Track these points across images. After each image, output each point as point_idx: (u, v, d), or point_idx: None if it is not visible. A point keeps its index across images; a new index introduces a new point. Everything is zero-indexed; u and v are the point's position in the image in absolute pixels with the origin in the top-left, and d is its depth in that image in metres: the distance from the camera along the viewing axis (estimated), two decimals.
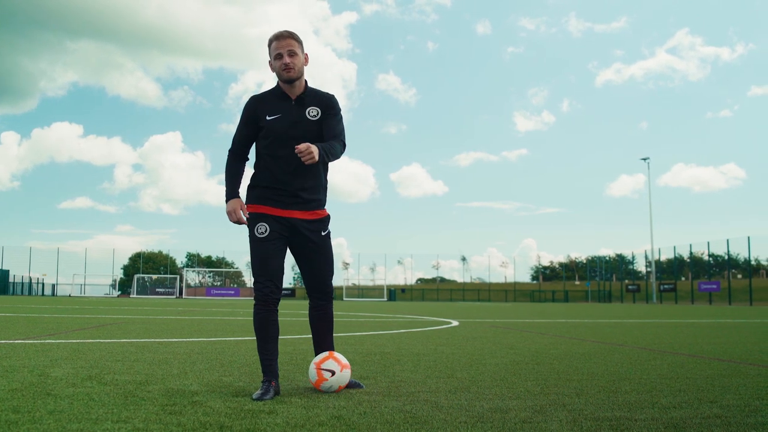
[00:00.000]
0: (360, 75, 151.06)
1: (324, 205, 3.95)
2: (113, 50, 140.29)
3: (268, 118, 3.77)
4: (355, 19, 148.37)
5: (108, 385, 3.91)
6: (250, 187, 3.89)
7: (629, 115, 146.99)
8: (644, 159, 66.78)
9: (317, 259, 3.91)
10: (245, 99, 3.93)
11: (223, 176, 3.94)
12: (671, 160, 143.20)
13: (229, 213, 3.77)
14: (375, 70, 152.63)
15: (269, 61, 3.81)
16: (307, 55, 3.85)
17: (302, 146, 3.47)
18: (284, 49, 3.72)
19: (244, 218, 3.80)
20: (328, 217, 3.95)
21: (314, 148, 3.48)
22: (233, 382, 4.14)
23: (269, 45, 3.78)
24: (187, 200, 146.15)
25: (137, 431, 2.70)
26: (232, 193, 3.84)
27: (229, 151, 3.92)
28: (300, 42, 3.79)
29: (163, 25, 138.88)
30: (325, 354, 3.88)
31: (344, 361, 3.87)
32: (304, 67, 3.83)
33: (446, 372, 4.84)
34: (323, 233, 3.90)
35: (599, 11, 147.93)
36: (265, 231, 3.74)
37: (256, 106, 3.81)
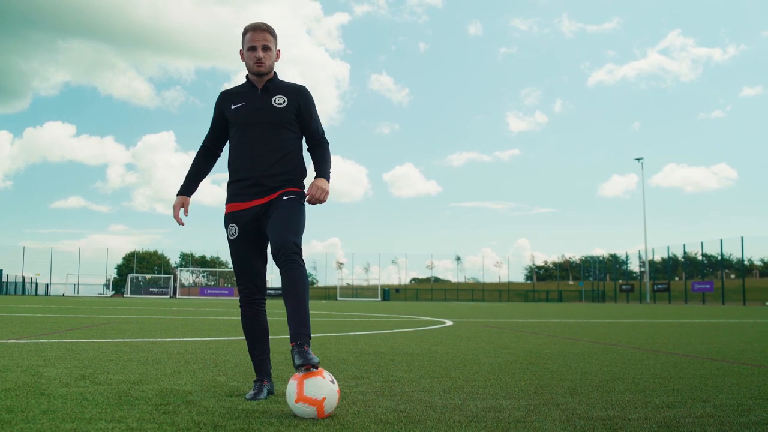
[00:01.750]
0: (353, 75, 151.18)
1: (296, 186, 3.66)
2: (106, 50, 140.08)
3: (232, 107, 3.69)
4: (347, 20, 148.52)
5: (102, 384, 3.91)
6: (227, 186, 3.72)
7: (621, 115, 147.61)
8: (638, 159, 66.96)
9: (274, 216, 3.49)
10: None
11: (215, 176, 3.89)
12: (663, 161, 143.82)
13: (173, 207, 3.74)
14: (368, 70, 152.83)
15: (241, 50, 3.71)
16: (279, 51, 3.76)
17: (312, 195, 3.45)
18: (259, 42, 3.62)
19: (182, 220, 3.75)
20: (298, 191, 3.64)
21: (319, 190, 3.46)
22: (227, 382, 4.13)
23: (244, 34, 3.67)
24: None
25: (131, 431, 2.70)
26: (183, 187, 3.78)
27: (200, 146, 3.86)
28: (275, 37, 3.71)
29: (156, 25, 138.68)
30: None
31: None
32: (275, 63, 3.76)
33: (440, 371, 4.84)
34: (285, 198, 3.56)
35: (591, 12, 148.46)
36: (235, 233, 3.60)
37: (223, 98, 3.75)
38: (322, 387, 3.03)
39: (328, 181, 3.58)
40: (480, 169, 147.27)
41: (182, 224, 3.75)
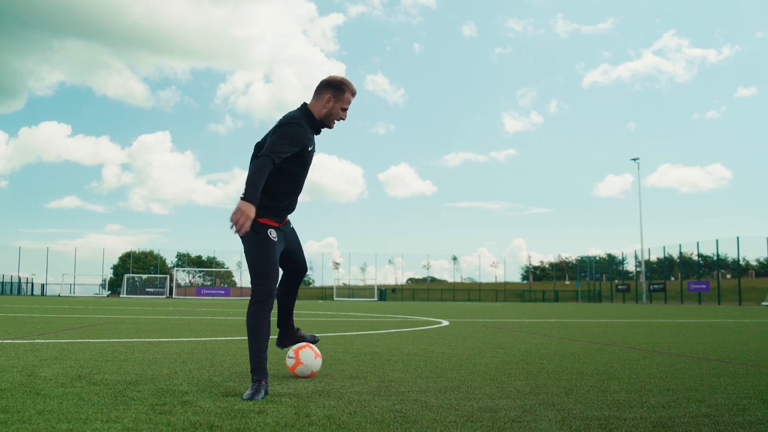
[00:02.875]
0: (348, 76, 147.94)
1: None
2: (101, 50, 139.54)
3: (309, 149, 3.95)
4: (342, 21, 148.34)
5: (98, 384, 3.90)
6: (266, 205, 3.90)
7: (616, 116, 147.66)
8: (634, 159, 66.98)
9: (297, 241, 4.31)
10: (234, 99, 3.99)
11: (211, 176, 3.96)
12: (658, 161, 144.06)
13: (243, 214, 3.52)
14: (363, 71, 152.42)
15: (329, 96, 3.96)
16: None
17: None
18: (350, 106, 4.05)
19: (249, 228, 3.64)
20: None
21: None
22: (223, 382, 4.13)
23: (342, 90, 3.98)
24: (176, 200, 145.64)
25: (127, 431, 2.70)
26: (255, 198, 3.62)
27: (270, 158, 3.70)
28: None
29: (151, 25, 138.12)
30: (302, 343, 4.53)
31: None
32: None
33: (436, 372, 4.85)
34: (291, 225, 4.27)
35: (586, 13, 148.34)
36: (276, 237, 3.96)
37: (304, 136, 3.89)
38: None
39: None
40: (476, 169, 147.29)
41: (248, 231, 3.66)
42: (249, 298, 3.92)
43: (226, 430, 2.74)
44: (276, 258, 3.93)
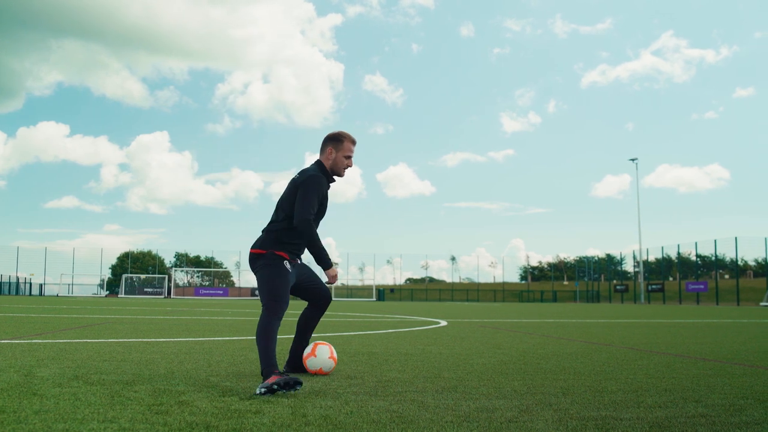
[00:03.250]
0: (347, 76, 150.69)
1: None
2: (99, 50, 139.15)
3: (325, 200, 4.41)
4: (340, 21, 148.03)
5: (94, 385, 3.90)
6: (278, 239, 4.32)
7: (615, 116, 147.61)
8: (632, 159, 67.04)
9: (313, 273, 4.72)
10: (232, 100, 4.11)
11: (209, 176, 4.12)
12: (656, 161, 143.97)
13: (334, 277, 4.37)
14: (361, 71, 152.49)
15: (331, 148, 4.41)
16: None
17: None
18: (353, 153, 4.47)
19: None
20: None
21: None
22: (220, 382, 4.13)
23: (340, 140, 4.43)
24: (174, 200, 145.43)
25: (123, 431, 2.70)
26: (331, 261, 4.38)
27: (311, 221, 4.24)
28: None
29: (149, 26, 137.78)
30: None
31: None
32: None
33: (433, 372, 4.85)
34: (303, 261, 4.69)
35: (584, 13, 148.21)
36: (291, 268, 4.34)
37: (325, 185, 4.37)
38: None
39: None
40: (474, 169, 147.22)
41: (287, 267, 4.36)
42: (247, 298, 3.99)
43: (223, 430, 2.74)
44: (289, 286, 4.30)
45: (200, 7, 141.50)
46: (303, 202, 4.21)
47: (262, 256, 4.29)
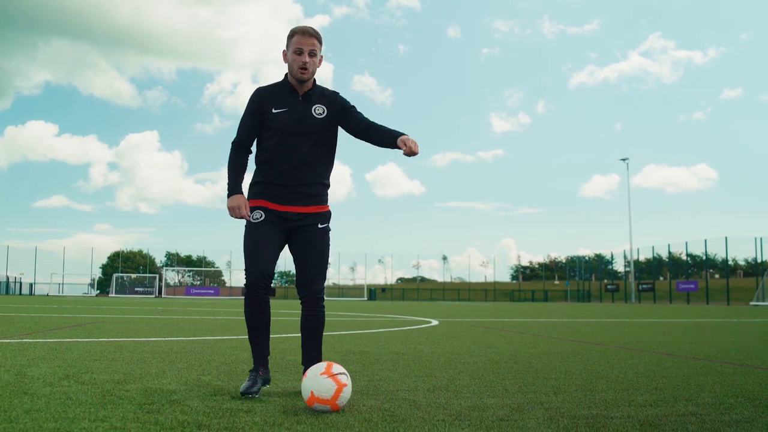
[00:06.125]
0: (336, 76, 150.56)
1: (326, 201, 3.87)
2: (87, 49, 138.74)
3: (274, 110, 3.70)
4: (327, 22, 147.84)
5: (85, 384, 3.89)
6: (251, 184, 3.80)
7: (603, 116, 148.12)
8: (623, 159, 67.26)
9: (306, 251, 3.73)
10: (221, 99, 3.94)
11: (199, 175, 3.90)
12: (644, 161, 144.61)
13: (231, 208, 3.61)
14: (350, 71, 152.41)
15: (284, 51, 3.76)
16: (322, 57, 3.80)
17: (410, 148, 3.51)
18: (306, 47, 3.66)
19: (248, 214, 3.65)
20: (328, 213, 3.87)
21: (414, 144, 3.54)
22: (212, 381, 4.12)
23: (290, 37, 3.69)
24: (164, 199, 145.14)
25: (115, 430, 2.69)
26: (235, 187, 3.69)
27: (233, 142, 3.77)
28: (321, 43, 3.75)
29: (137, 25, 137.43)
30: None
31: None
32: (317, 68, 3.80)
33: (425, 371, 4.86)
34: (320, 225, 3.79)
35: (572, 14, 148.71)
36: (260, 216, 3.68)
37: (262, 98, 3.74)
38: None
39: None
40: (464, 169, 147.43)
41: (248, 218, 3.67)
42: (238, 297, 3.93)
43: (214, 429, 2.74)
44: (259, 240, 3.64)
45: (188, 8, 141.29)
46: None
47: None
